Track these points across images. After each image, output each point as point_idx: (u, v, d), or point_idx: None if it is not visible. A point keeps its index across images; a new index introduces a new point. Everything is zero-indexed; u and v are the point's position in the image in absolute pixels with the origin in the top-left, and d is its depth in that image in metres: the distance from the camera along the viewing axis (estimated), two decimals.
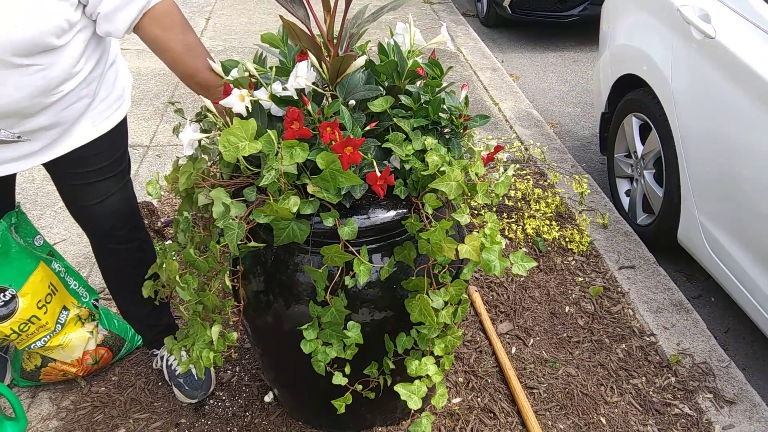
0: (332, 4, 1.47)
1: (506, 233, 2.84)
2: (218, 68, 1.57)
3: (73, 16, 1.45)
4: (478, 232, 1.38)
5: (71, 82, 1.55)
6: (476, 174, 1.45)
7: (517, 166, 3.25)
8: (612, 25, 3.35)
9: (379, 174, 1.38)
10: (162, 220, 2.83)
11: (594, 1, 5.40)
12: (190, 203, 1.58)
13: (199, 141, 1.52)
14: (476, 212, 2.93)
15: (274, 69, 1.51)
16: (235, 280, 1.55)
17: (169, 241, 2.69)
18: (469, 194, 1.41)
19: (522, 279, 2.60)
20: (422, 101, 1.51)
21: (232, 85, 1.49)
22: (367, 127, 1.48)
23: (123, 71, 1.81)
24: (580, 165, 3.71)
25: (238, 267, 1.55)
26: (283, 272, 1.59)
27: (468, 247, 1.36)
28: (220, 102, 1.46)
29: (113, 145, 1.76)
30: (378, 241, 1.53)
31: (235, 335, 1.50)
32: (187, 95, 4.33)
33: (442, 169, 1.41)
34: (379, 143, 1.49)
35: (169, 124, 3.92)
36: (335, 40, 1.52)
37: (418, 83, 1.60)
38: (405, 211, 1.50)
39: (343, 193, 1.42)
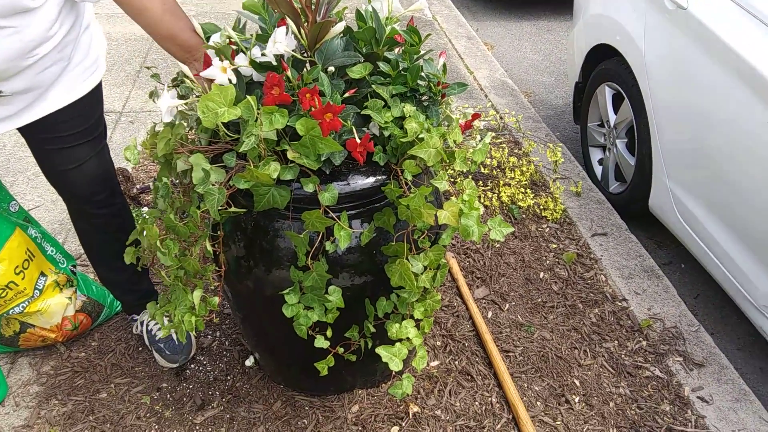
0: None
1: (482, 201, 2.88)
2: (199, 29, 1.56)
3: None
4: (456, 198, 1.41)
5: (46, 45, 1.54)
6: (454, 141, 1.47)
7: (493, 134, 3.28)
8: None
9: (358, 141, 1.40)
10: (137, 186, 2.82)
11: None
12: (169, 169, 1.59)
13: (177, 107, 1.52)
14: (453, 180, 2.96)
15: (254, 35, 1.51)
16: (216, 246, 1.56)
17: (146, 208, 2.68)
18: (448, 161, 1.44)
19: (498, 246, 2.65)
20: (401, 68, 1.52)
21: (214, 55, 1.49)
22: (346, 94, 1.49)
23: (98, 36, 1.79)
24: (554, 134, 3.75)
25: (218, 232, 1.56)
26: (264, 238, 1.60)
27: (447, 212, 1.38)
28: (201, 74, 1.45)
29: (88, 110, 1.75)
30: (357, 207, 1.55)
31: (216, 300, 1.52)
32: (161, 60, 4.28)
33: (420, 136, 1.43)
34: (359, 110, 1.50)
35: (141, 90, 3.88)
36: (313, 6, 1.52)
37: (397, 50, 1.60)
38: (384, 177, 1.52)
39: (323, 159, 1.44)
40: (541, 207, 2.90)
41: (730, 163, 2.28)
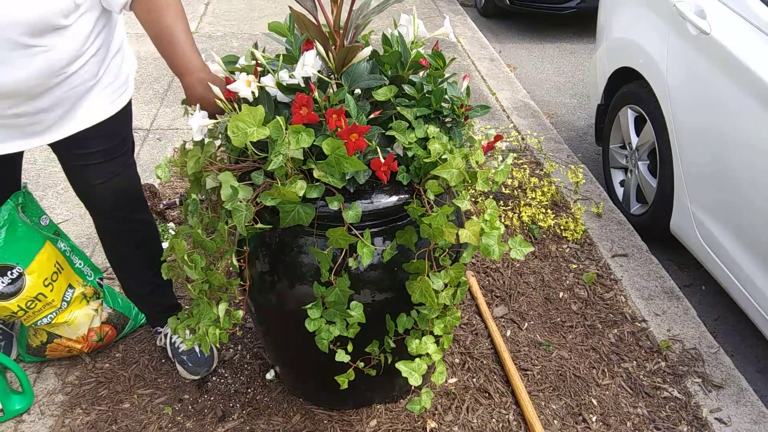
0: None
1: (503, 220, 2.90)
2: (218, 60, 1.62)
3: None
4: (477, 217, 1.44)
5: (75, 63, 1.59)
6: (476, 162, 1.50)
7: (515, 155, 3.30)
8: (609, 18, 3.40)
9: (383, 160, 1.43)
10: (164, 202, 2.88)
11: None
12: (198, 186, 1.63)
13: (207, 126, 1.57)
14: (474, 200, 2.99)
15: (281, 57, 1.55)
16: (242, 260, 1.60)
17: (171, 223, 2.74)
18: (470, 181, 1.47)
19: (517, 265, 2.66)
20: (425, 91, 1.56)
21: (236, 73, 1.54)
22: (372, 115, 1.53)
23: (128, 57, 1.85)
24: (575, 155, 3.76)
25: (244, 248, 1.60)
26: (288, 253, 1.64)
27: (468, 231, 1.41)
28: (229, 86, 1.50)
29: (117, 128, 1.81)
30: (380, 224, 1.58)
31: (240, 313, 1.56)
32: None
33: (443, 156, 1.46)
34: (383, 131, 1.54)
35: (169, 108, 3.96)
36: (341, 31, 1.56)
37: (421, 73, 1.64)
38: (407, 196, 1.55)
39: (347, 178, 1.47)
40: (562, 227, 2.91)
41: (752, 186, 2.29)
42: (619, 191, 3.38)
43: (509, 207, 2.99)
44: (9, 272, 1.93)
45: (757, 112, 2.25)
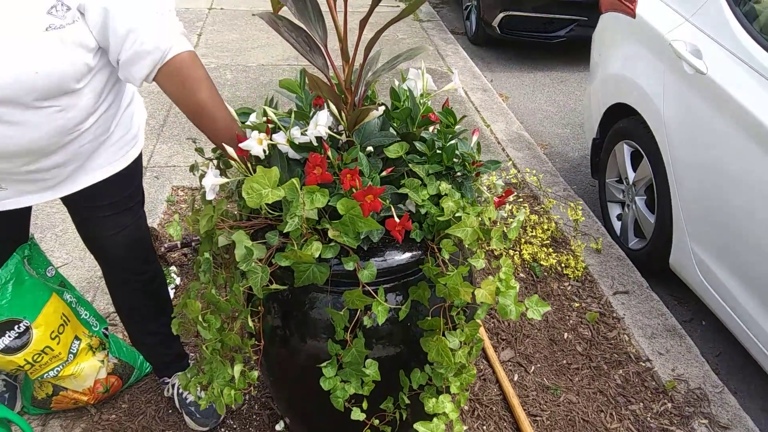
0: (351, 55, 1.52)
1: (512, 243, 2.91)
2: (234, 114, 1.63)
3: (92, 60, 1.49)
4: (492, 276, 1.44)
5: (88, 121, 1.59)
6: (489, 218, 1.51)
7: (514, 193, 3.32)
8: (603, 54, 3.45)
9: (398, 220, 1.44)
10: (165, 245, 2.87)
11: (581, 23, 5.52)
12: (210, 244, 1.63)
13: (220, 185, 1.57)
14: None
15: (293, 114, 1.56)
16: (256, 320, 1.60)
17: (173, 267, 2.73)
18: (484, 239, 1.48)
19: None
20: (436, 147, 1.57)
21: (249, 130, 1.55)
22: (384, 173, 1.54)
23: (139, 109, 1.86)
24: (571, 187, 3.79)
25: (259, 307, 1.60)
26: (301, 309, 1.64)
27: (484, 291, 1.42)
28: (240, 145, 1.51)
29: (128, 180, 1.81)
30: (393, 280, 1.58)
31: (255, 373, 1.55)
32: (182, 114, 4.36)
33: (457, 215, 1.47)
34: (397, 189, 1.54)
35: (165, 144, 3.95)
36: (352, 87, 1.58)
37: (432, 128, 1.66)
38: (420, 253, 1.56)
39: (361, 237, 1.48)
40: (563, 264, 2.93)
41: (750, 223, 2.32)
42: (617, 225, 3.40)
43: (510, 245, 3.00)
44: (16, 326, 1.91)
45: (754, 152, 2.29)
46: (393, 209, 1.48)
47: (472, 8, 6.32)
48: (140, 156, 1.85)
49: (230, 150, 1.49)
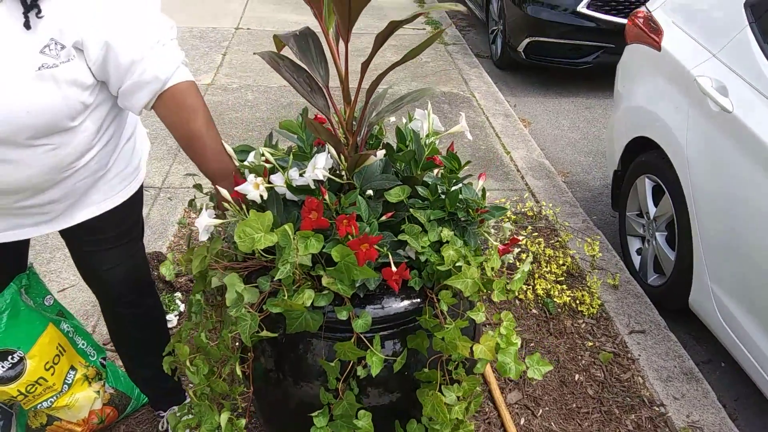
0: (353, 96, 1.48)
1: (516, 294, 2.83)
2: (231, 152, 1.59)
3: (88, 98, 1.46)
4: (493, 329, 1.38)
5: (84, 157, 1.56)
6: (492, 268, 1.45)
7: (530, 228, 3.24)
8: (627, 86, 3.37)
9: (395, 269, 1.38)
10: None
11: (608, 50, 5.43)
12: (203, 284, 1.59)
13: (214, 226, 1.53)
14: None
15: (291, 154, 1.52)
16: (246, 366, 1.55)
17: (178, 293, 2.69)
18: (485, 291, 1.41)
19: (532, 345, 2.59)
20: (439, 192, 1.52)
21: (247, 171, 1.51)
22: (383, 217, 1.49)
23: (141, 141, 1.82)
24: (590, 218, 3.71)
25: (248, 354, 1.55)
26: (293, 353, 1.58)
27: (483, 347, 1.35)
28: (237, 188, 1.47)
29: (128, 214, 1.78)
30: (391, 327, 1.53)
31: (243, 421, 1.50)
32: None
33: (458, 264, 1.41)
34: (395, 236, 1.49)
35: (182, 165, 3.95)
36: (354, 128, 1.53)
37: (435, 172, 1.60)
38: (419, 301, 1.50)
39: (357, 285, 1.42)
40: (578, 300, 2.84)
41: None
42: (636, 260, 3.31)
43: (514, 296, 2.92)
44: (9, 357, 1.88)
45: None
46: (391, 256, 1.43)
47: (498, 33, 6.27)
48: (141, 188, 1.82)
49: (224, 192, 1.45)
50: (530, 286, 2.88)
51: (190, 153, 1.55)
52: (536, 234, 3.16)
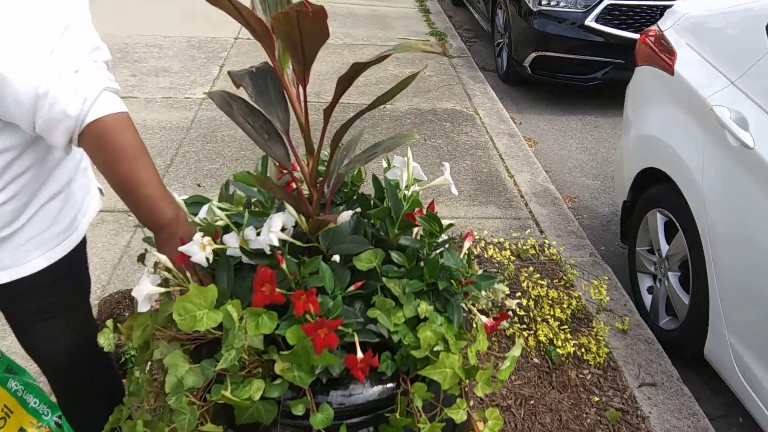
0: (315, 146, 1.27)
1: (516, 341, 2.61)
2: (181, 203, 1.38)
3: None
4: (476, 428, 1.16)
5: None
6: (478, 350, 1.24)
7: (531, 269, 3.02)
8: (638, 112, 3.15)
9: (361, 355, 1.17)
10: None
11: (617, 66, 5.21)
12: (145, 356, 1.38)
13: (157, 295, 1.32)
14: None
15: (246, 213, 1.31)
16: None
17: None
18: (466, 382, 1.20)
19: (532, 402, 2.36)
20: (417, 259, 1.30)
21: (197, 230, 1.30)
22: (351, 288, 1.27)
23: (80, 200, 1.54)
24: (598, 249, 3.48)
25: None
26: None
27: None
28: (180, 248, 1.25)
29: (56, 282, 1.51)
30: (360, 414, 1.31)
31: None
32: (192, 154, 4.17)
33: (436, 348, 1.20)
34: (366, 305, 1.28)
35: (170, 187, 3.72)
36: (319, 183, 1.32)
37: (415, 231, 1.39)
38: (393, 386, 1.28)
39: (317, 372, 1.21)
40: (584, 348, 2.62)
41: None
42: (647, 299, 3.07)
43: (523, 326, 2.70)
44: None
45: None
46: (357, 338, 1.21)
47: (504, 46, 6.06)
48: (77, 253, 1.54)
49: (163, 258, 1.24)
50: (532, 332, 2.65)
51: (124, 201, 1.30)
52: (538, 276, 2.93)
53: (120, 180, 1.27)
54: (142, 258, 1.57)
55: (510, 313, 2.08)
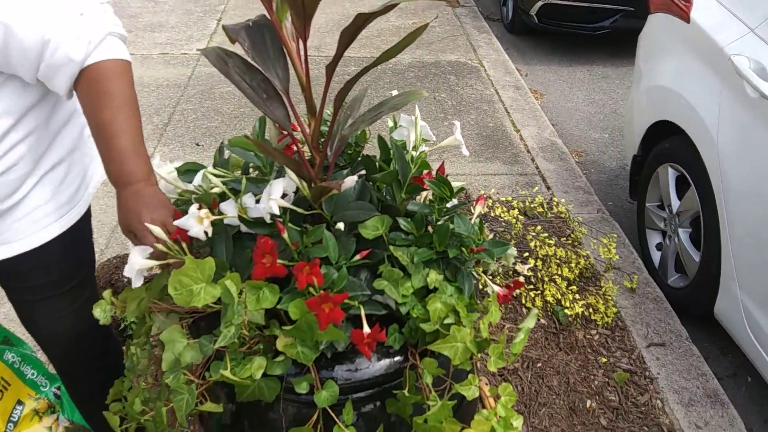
0: (317, 105, 1.19)
1: (523, 301, 2.56)
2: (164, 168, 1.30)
3: None
4: (489, 406, 1.11)
5: None
6: (490, 322, 1.17)
7: (539, 227, 2.94)
8: (649, 62, 3.03)
9: (367, 329, 1.11)
10: None
11: (627, 13, 5.05)
12: (143, 329, 1.32)
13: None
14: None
15: (244, 179, 1.23)
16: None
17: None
18: (478, 356, 1.14)
19: (539, 365, 2.32)
20: (426, 226, 1.23)
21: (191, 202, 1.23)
22: (357, 257, 1.21)
23: (83, 169, 1.47)
24: (607, 204, 3.41)
25: (191, 428, 1.29)
26: (248, 420, 1.32)
27: None
28: (175, 222, 1.18)
29: (59, 257, 1.43)
30: (367, 388, 1.26)
31: None
32: (190, 111, 4.07)
33: (447, 321, 1.14)
34: (373, 275, 1.21)
35: (167, 147, 3.66)
36: (322, 146, 1.24)
37: (423, 196, 1.32)
38: (401, 360, 1.23)
39: (321, 348, 1.15)
40: (592, 307, 2.57)
41: None
42: (656, 256, 3.01)
43: (530, 286, 2.64)
44: None
45: None
46: (363, 311, 1.15)
47: None
48: (82, 225, 1.47)
49: (157, 230, 1.16)
50: (539, 292, 2.60)
51: (99, 150, 1.23)
52: (545, 234, 2.86)
53: (99, 125, 1.21)
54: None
55: (522, 280, 2.01)
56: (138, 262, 1.19)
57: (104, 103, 1.21)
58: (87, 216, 1.50)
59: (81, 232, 1.48)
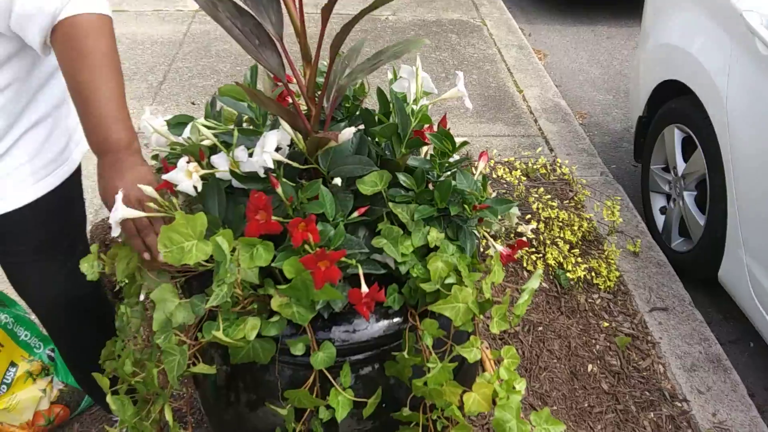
0: (313, 53, 1.12)
1: (524, 264, 2.51)
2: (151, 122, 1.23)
3: None
4: (491, 369, 1.07)
5: None
6: (493, 282, 1.13)
7: (542, 189, 2.88)
8: (657, 20, 2.94)
9: (365, 289, 1.06)
10: None
11: None
12: (133, 288, 1.27)
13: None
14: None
15: (236, 131, 1.17)
16: (183, 403, 1.25)
17: None
18: (480, 318, 1.10)
19: (540, 328, 2.29)
20: (426, 182, 1.18)
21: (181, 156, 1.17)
22: (355, 214, 1.15)
23: (68, 125, 1.40)
24: (610, 167, 3.35)
25: (186, 390, 1.25)
26: (243, 382, 1.28)
27: (477, 396, 1.04)
28: (164, 176, 1.13)
29: (48, 217, 1.38)
30: (365, 350, 1.22)
31: None
32: (186, 70, 3.98)
33: (448, 281, 1.09)
34: (372, 232, 1.16)
35: (162, 106, 3.58)
36: (318, 97, 1.18)
37: (425, 150, 1.26)
38: (400, 321, 1.18)
39: (318, 308, 1.10)
40: (594, 271, 2.53)
41: None
42: (659, 220, 2.96)
43: (532, 249, 2.60)
44: None
45: None
46: (361, 269, 1.10)
47: None
48: (70, 183, 1.40)
49: (148, 189, 1.10)
50: (540, 255, 2.55)
51: (79, 115, 1.16)
52: (548, 197, 2.80)
53: (77, 88, 1.14)
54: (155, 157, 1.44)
55: (526, 240, 1.96)
56: (122, 213, 1.13)
57: (81, 64, 1.13)
58: (77, 175, 1.44)
59: (70, 191, 1.42)
